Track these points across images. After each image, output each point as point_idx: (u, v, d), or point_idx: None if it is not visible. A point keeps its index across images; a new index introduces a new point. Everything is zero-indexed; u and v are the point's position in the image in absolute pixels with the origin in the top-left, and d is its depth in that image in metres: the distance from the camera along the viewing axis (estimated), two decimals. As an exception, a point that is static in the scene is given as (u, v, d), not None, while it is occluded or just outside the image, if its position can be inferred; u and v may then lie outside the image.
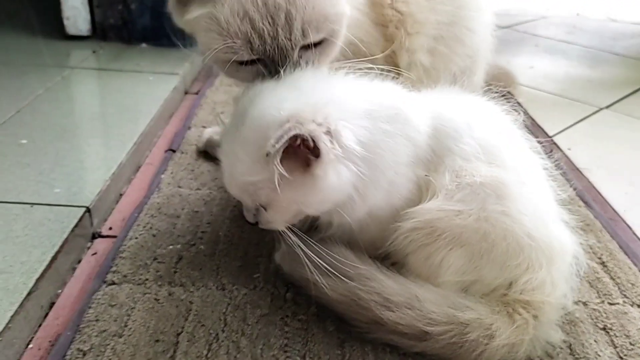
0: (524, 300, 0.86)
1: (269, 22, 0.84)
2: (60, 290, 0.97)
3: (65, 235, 1.02)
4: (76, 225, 1.05)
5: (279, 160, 0.76)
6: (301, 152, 0.78)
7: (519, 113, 0.99)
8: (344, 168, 0.81)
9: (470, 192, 0.87)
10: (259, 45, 0.85)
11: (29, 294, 0.88)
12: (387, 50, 1.08)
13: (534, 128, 1.72)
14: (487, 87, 1.87)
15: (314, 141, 0.75)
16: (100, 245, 1.10)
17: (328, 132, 0.77)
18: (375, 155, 0.84)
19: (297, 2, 0.85)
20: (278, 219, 0.87)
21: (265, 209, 0.86)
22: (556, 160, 1.48)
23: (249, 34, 0.85)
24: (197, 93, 1.84)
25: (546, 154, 1.54)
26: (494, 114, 0.97)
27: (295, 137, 0.75)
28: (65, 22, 2.05)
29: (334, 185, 0.81)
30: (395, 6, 1.07)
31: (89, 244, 1.10)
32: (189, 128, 1.56)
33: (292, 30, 0.86)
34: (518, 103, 1.88)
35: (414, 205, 0.89)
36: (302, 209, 0.86)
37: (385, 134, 0.85)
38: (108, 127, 1.47)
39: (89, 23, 2.08)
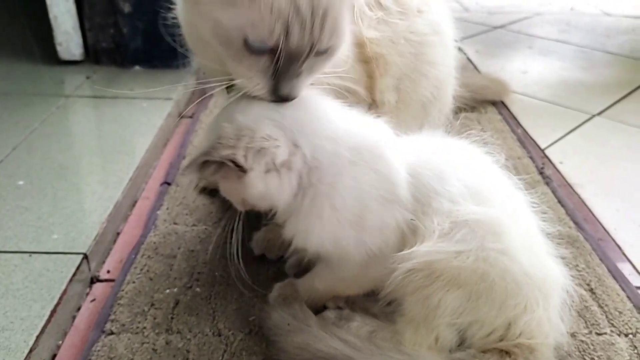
0: (525, 345, 0.88)
1: (311, 12, 0.80)
2: (61, 342, 1.00)
3: (64, 286, 1.04)
4: (74, 274, 1.08)
5: (199, 170, 0.84)
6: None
7: (500, 154, 1.00)
8: (275, 179, 0.86)
9: (469, 231, 0.88)
10: (287, 33, 0.80)
11: (30, 351, 0.91)
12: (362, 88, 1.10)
13: (526, 141, 1.74)
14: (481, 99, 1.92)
15: (235, 163, 0.83)
16: (98, 290, 1.12)
17: (249, 150, 0.83)
18: (331, 176, 0.88)
19: (335, 3, 0.82)
20: (228, 197, 0.94)
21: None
22: (547, 177, 1.52)
23: (288, 16, 0.78)
24: (191, 116, 1.85)
25: (538, 169, 1.57)
26: (475, 156, 0.99)
27: (210, 159, 0.82)
28: (58, 47, 2.06)
29: (263, 192, 0.87)
30: (371, 47, 1.08)
31: (88, 289, 1.12)
32: (184, 157, 1.58)
33: (323, 30, 0.82)
34: (511, 113, 1.92)
35: (396, 250, 0.90)
36: (244, 198, 0.90)
37: (348, 161, 0.88)
38: (105, 161, 1.49)
39: (82, 47, 2.09)
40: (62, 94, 1.87)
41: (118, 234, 1.28)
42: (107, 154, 1.53)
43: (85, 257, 1.13)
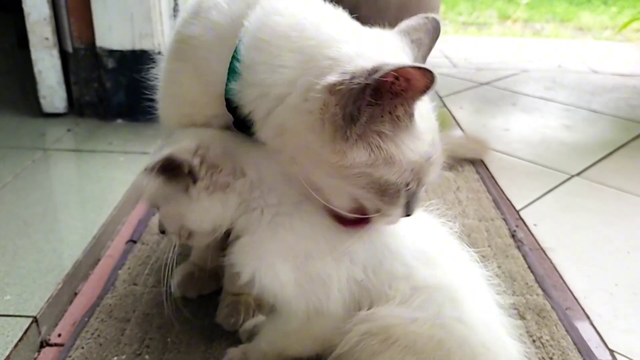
0: None
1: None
2: (0, 410, 0.97)
3: (7, 351, 1.02)
4: (20, 339, 1.05)
5: (153, 177, 0.86)
6: (184, 175, 0.87)
7: (454, 223, 0.99)
8: (218, 199, 0.89)
9: (428, 297, 0.87)
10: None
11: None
12: None
13: (502, 201, 1.72)
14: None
15: (191, 168, 0.86)
16: (47, 355, 1.09)
17: (203, 163, 0.87)
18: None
19: None
20: (166, 224, 0.96)
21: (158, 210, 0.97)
22: (519, 241, 1.50)
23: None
24: (168, 171, 1.86)
25: (511, 231, 1.55)
26: (429, 225, 0.98)
27: (172, 160, 0.85)
28: (42, 100, 2.10)
29: (205, 209, 0.89)
30: None
31: (36, 354, 1.10)
32: (154, 214, 1.57)
33: None
34: (489, 173, 1.91)
35: (347, 310, 0.89)
36: (183, 223, 0.92)
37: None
38: (71, 218, 1.49)
39: (65, 101, 2.13)
40: (41, 147, 1.89)
41: (76, 294, 1.26)
42: (74, 210, 1.53)
43: (35, 320, 1.10)
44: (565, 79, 3.10)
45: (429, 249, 0.92)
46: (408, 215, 0.88)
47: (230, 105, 0.89)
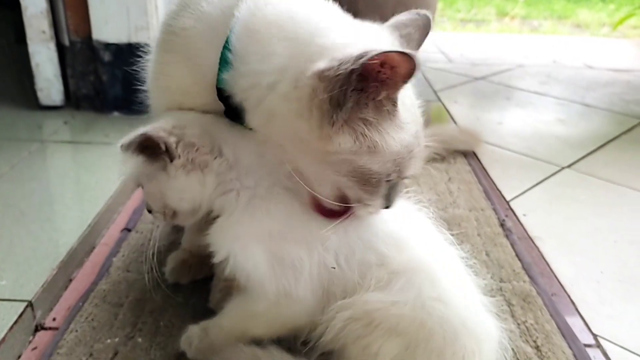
0: None
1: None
2: (-5, 391, 0.99)
3: (3, 334, 1.04)
4: (15, 322, 1.08)
5: (132, 154, 0.90)
6: (162, 153, 0.90)
7: (429, 208, 1.01)
8: (196, 177, 0.91)
9: (406, 280, 0.89)
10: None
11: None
12: None
13: (492, 192, 1.74)
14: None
15: (167, 146, 0.89)
16: (42, 338, 1.12)
17: (179, 142, 0.90)
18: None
19: None
20: (150, 202, 0.99)
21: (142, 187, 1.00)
22: (507, 230, 1.52)
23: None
24: (163, 163, 1.88)
25: (500, 221, 1.58)
26: (404, 211, 1.00)
27: (147, 137, 0.88)
28: (39, 93, 2.12)
29: (183, 187, 0.92)
30: None
31: (31, 337, 1.12)
32: (149, 204, 1.59)
33: None
34: (481, 164, 1.94)
35: (317, 297, 0.91)
36: (165, 202, 0.95)
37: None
38: (66, 208, 1.51)
39: (62, 93, 2.15)
40: (37, 138, 1.91)
41: (71, 280, 1.28)
42: (70, 200, 1.55)
43: (30, 304, 1.13)
44: (560, 74, 3.12)
45: (402, 234, 0.95)
46: (388, 206, 0.90)
47: (222, 95, 0.91)
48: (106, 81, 2.11)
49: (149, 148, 0.90)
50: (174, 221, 1.00)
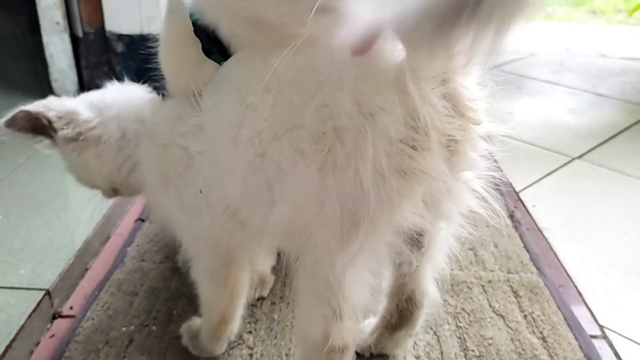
0: None
1: None
2: (15, 377, 1.03)
3: (22, 321, 1.08)
4: (34, 310, 1.11)
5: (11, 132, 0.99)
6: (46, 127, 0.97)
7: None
8: (95, 152, 0.98)
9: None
10: None
11: (-20, 388, 0.94)
12: None
13: (502, 183, 1.75)
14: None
15: (48, 120, 0.96)
16: (59, 326, 1.15)
17: (60, 117, 0.96)
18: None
19: None
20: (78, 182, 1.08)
21: None
22: (516, 221, 1.53)
23: None
24: (176, 153, 1.90)
25: (509, 212, 1.58)
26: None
27: (26, 112, 0.96)
28: (53, 83, 2.14)
29: (86, 163, 1.00)
30: None
31: (49, 325, 1.15)
32: (162, 194, 1.62)
33: None
34: (490, 154, 1.94)
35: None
36: (80, 179, 1.06)
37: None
38: (81, 199, 1.53)
39: (76, 84, 2.17)
40: (52, 129, 1.93)
41: (87, 269, 1.32)
42: (86, 190, 1.57)
43: (48, 293, 1.16)
44: (573, 63, 3.09)
45: None
46: None
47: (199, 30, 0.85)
48: (119, 72, 2.13)
49: (39, 127, 0.96)
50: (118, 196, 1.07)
